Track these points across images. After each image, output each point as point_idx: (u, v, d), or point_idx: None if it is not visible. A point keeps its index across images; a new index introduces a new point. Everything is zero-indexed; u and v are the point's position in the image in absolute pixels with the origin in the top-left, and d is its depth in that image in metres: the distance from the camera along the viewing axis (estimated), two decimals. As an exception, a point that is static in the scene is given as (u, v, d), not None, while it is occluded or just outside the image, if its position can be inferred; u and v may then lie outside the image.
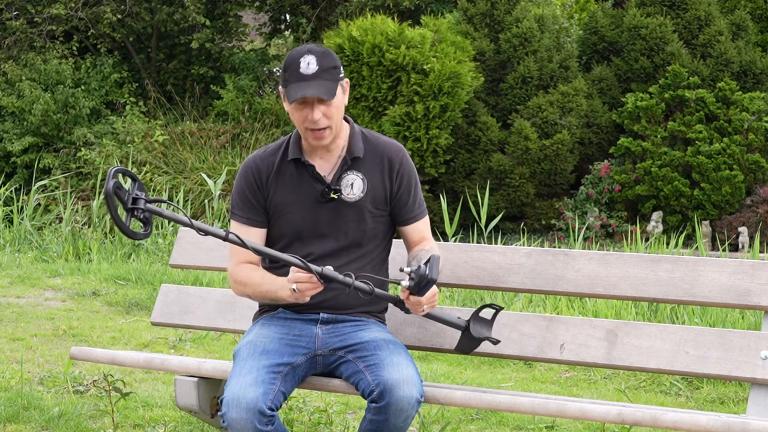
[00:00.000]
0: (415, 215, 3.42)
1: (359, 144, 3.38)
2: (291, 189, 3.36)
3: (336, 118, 3.30)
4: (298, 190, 3.36)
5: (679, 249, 8.95)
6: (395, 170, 3.39)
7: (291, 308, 3.38)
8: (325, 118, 3.26)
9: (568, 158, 13.88)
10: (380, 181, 3.38)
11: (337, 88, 3.26)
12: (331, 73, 3.25)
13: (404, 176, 3.40)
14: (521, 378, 5.41)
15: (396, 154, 3.40)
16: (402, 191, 3.39)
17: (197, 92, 16.17)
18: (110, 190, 2.99)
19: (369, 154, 3.39)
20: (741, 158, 13.45)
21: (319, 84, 3.21)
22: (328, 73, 3.24)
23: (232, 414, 3.06)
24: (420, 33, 13.50)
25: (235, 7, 16.50)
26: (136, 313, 6.82)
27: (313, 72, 3.22)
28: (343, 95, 3.31)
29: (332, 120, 3.28)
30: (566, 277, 3.48)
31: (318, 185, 3.35)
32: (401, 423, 3.13)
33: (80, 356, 3.76)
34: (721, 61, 14.13)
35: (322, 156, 3.38)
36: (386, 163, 3.39)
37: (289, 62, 3.26)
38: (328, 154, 3.38)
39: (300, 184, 3.36)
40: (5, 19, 15.85)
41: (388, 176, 3.38)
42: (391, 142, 3.44)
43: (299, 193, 3.36)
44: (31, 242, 10.16)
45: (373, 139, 3.42)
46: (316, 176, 3.36)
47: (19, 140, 14.82)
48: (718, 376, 3.27)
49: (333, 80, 3.25)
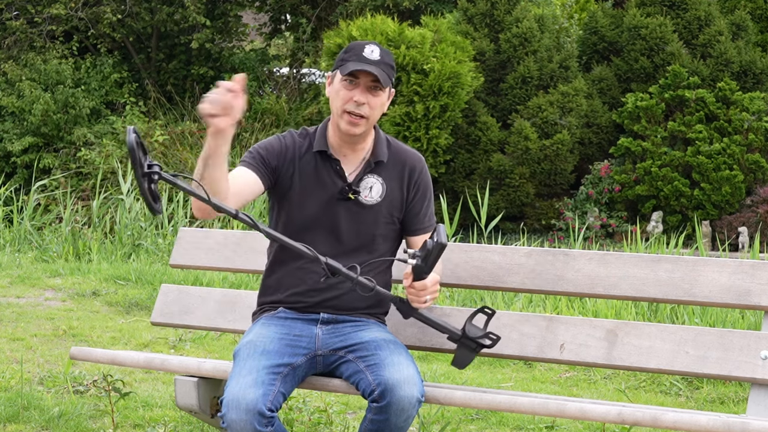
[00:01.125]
0: (424, 227, 3.44)
1: (384, 149, 3.41)
2: (312, 179, 3.37)
3: (375, 114, 3.33)
4: (319, 181, 3.36)
5: (679, 249, 8.95)
6: (414, 179, 3.42)
7: (291, 308, 3.38)
8: (368, 107, 3.29)
9: (568, 158, 13.88)
10: (398, 188, 3.40)
11: (389, 83, 3.32)
12: (389, 69, 3.32)
13: (421, 186, 3.43)
14: (521, 378, 5.41)
15: (417, 164, 3.44)
16: (416, 201, 3.42)
17: (197, 92, 16.17)
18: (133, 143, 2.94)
19: (391, 160, 3.42)
20: (741, 158, 13.46)
21: (378, 70, 3.27)
22: (387, 67, 3.31)
23: (231, 415, 3.06)
24: (420, 33, 13.50)
25: (235, 7, 16.50)
26: (136, 313, 6.83)
27: (376, 59, 3.28)
28: (387, 99, 3.37)
29: (373, 113, 3.32)
30: (566, 277, 3.48)
31: (339, 182, 3.36)
32: (402, 423, 3.13)
33: (80, 356, 3.75)
34: (721, 61, 14.13)
35: (347, 155, 3.40)
36: (407, 171, 3.42)
37: (353, 46, 3.32)
38: (353, 154, 3.40)
39: (321, 177, 3.37)
40: (5, 19, 15.86)
41: (406, 184, 3.41)
42: (413, 152, 3.47)
43: (319, 185, 3.36)
44: (31, 242, 10.16)
45: (396, 147, 3.45)
46: (340, 172, 3.37)
47: (19, 140, 14.82)
48: (718, 376, 3.27)
49: (389, 75, 3.31)
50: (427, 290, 3.20)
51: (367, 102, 3.29)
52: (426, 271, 3.16)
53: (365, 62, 3.27)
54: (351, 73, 3.27)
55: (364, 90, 3.28)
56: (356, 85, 3.29)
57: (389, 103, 3.40)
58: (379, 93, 3.30)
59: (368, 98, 3.29)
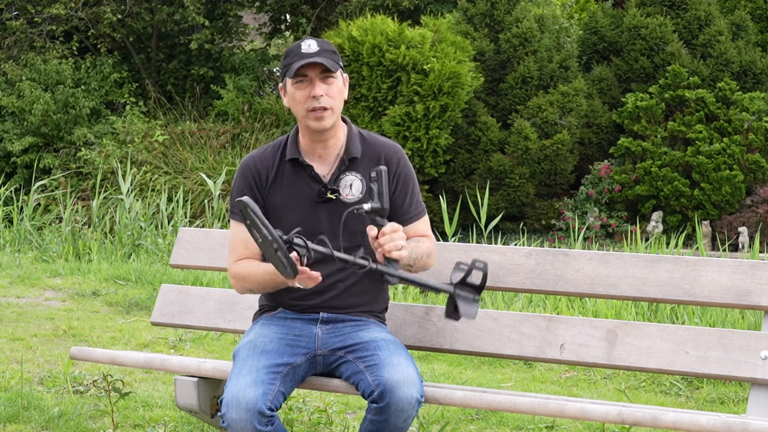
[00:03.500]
0: (412, 216, 3.40)
1: (357, 144, 3.38)
2: (289, 189, 3.36)
3: (337, 102, 3.31)
4: (296, 190, 3.35)
5: (679, 249, 8.95)
6: (392, 171, 3.37)
7: (291, 308, 3.38)
8: (327, 96, 3.28)
9: (568, 158, 13.88)
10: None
11: (338, 67, 3.30)
12: (332, 55, 3.30)
13: (401, 177, 3.38)
14: (521, 378, 5.41)
15: (393, 155, 3.39)
16: (399, 193, 3.37)
17: (197, 92, 16.17)
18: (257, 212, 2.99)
19: (366, 154, 3.38)
20: (741, 158, 13.46)
21: (322, 58, 3.26)
22: (330, 54, 3.29)
23: (231, 414, 3.06)
24: (420, 33, 13.51)
25: (235, 7, 16.50)
26: (136, 313, 6.82)
27: (315, 50, 3.27)
28: (344, 85, 3.34)
29: (333, 101, 3.30)
30: (566, 277, 3.48)
31: (315, 185, 3.35)
32: (402, 423, 3.13)
33: (80, 356, 3.75)
34: (721, 61, 14.14)
35: (320, 156, 3.38)
36: (383, 164, 3.37)
37: (290, 49, 3.31)
38: (326, 154, 3.38)
39: (298, 185, 3.35)
40: (5, 19, 15.86)
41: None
42: (389, 143, 3.43)
43: (297, 194, 3.35)
44: (31, 242, 10.16)
45: (371, 140, 3.42)
46: (314, 176, 3.35)
47: (19, 140, 14.82)
48: (718, 376, 3.27)
49: (334, 60, 3.30)
50: (397, 231, 3.08)
51: (325, 93, 3.28)
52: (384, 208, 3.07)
53: (306, 57, 3.25)
54: (298, 72, 3.27)
55: (316, 83, 3.27)
56: (308, 82, 3.28)
57: (347, 88, 3.38)
58: (331, 80, 3.29)
59: (324, 89, 3.28)
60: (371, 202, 3.06)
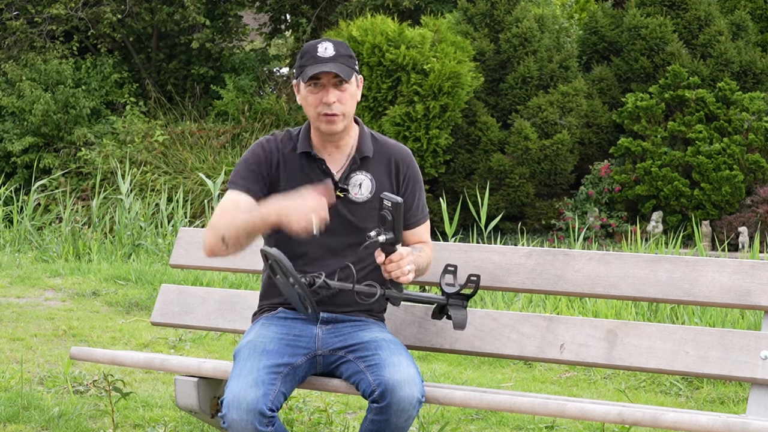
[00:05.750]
0: (416, 220, 3.42)
1: (368, 144, 3.39)
2: (299, 181, 3.35)
3: (349, 107, 3.31)
4: (306, 183, 3.33)
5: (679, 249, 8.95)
6: (402, 174, 3.40)
7: (291, 308, 3.38)
8: (339, 103, 3.28)
9: (568, 158, 13.88)
10: (388, 183, 3.38)
11: (353, 74, 3.29)
12: (347, 60, 3.29)
13: (410, 181, 3.41)
14: (521, 378, 5.41)
15: (404, 158, 3.42)
16: (407, 196, 3.40)
17: (197, 92, 16.17)
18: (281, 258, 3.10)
19: (377, 155, 3.40)
20: (741, 158, 13.46)
21: (337, 65, 3.25)
22: (345, 59, 3.28)
23: (232, 415, 3.06)
24: (420, 33, 13.51)
25: (235, 7, 16.51)
26: (136, 313, 6.83)
27: (331, 55, 3.26)
28: (357, 88, 3.34)
29: (345, 107, 3.29)
30: (566, 277, 3.48)
31: (327, 180, 3.35)
32: (402, 423, 3.13)
33: (80, 356, 3.75)
34: (721, 61, 14.14)
35: (331, 153, 3.38)
36: (393, 166, 3.39)
37: (306, 49, 3.29)
38: (338, 152, 3.38)
39: (308, 178, 3.35)
40: (5, 19, 15.86)
41: (395, 179, 3.39)
42: (400, 146, 3.45)
43: (307, 187, 3.34)
44: (31, 242, 10.16)
45: (382, 141, 3.43)
46: (327, 171, 3.35)
47: (19, 140, 14.83)
48: (718, 376, 3.27)
49: (349, 66, 3.28)
50: (404, 258, 3.14)
51: (337, 99, 3.27)
52: (398, 240, 3.12)
53: (322, 62, 3.24)
54: (312, 77, 3.26)
55: (330, 89, 3.26)
56: (321, 86, 3.27)
57: (361, 90, 3.37)
58: (345, 87, 3.28)
59: (337, 95, 3.27)
60: (385, 234, 3.11)
